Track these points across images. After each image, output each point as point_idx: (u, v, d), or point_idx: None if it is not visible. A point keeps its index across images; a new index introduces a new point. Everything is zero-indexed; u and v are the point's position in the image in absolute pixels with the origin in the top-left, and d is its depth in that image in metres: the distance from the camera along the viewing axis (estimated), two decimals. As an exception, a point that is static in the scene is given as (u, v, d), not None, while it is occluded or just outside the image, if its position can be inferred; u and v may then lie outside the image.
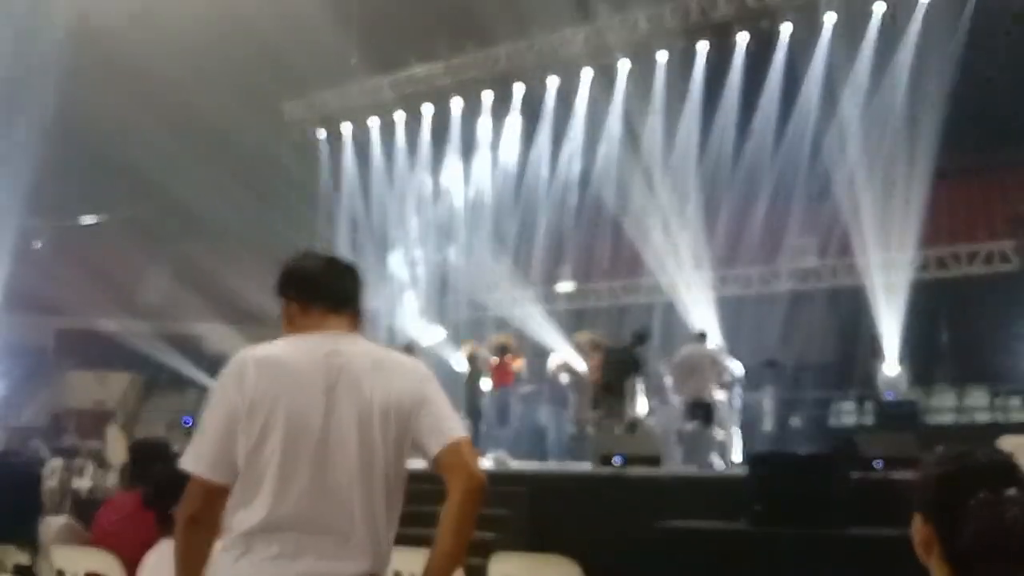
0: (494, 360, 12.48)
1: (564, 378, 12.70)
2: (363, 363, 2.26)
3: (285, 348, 2.28)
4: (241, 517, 2.12)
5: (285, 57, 15.97)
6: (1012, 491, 1.42)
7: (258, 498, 2.11)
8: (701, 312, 14.06)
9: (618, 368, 11.18)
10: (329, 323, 2.31)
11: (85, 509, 8.06)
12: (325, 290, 2.34)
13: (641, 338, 11.62)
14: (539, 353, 13.75)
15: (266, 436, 2.13)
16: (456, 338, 15.89)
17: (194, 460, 2.15)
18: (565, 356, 12.78)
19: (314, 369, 2.20)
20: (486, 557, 4.55)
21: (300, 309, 2.33)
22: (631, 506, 8.30)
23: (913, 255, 13.50)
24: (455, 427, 2.29)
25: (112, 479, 11.18)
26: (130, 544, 3.20)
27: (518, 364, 12.53)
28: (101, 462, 14.31)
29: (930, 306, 13.52)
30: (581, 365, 12.43)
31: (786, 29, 14.50)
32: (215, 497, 2.16)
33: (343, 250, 17.94)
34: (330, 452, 2.17)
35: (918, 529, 1.51)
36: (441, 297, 18.32)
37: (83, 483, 13.70)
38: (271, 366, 2.20)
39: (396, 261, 18.97)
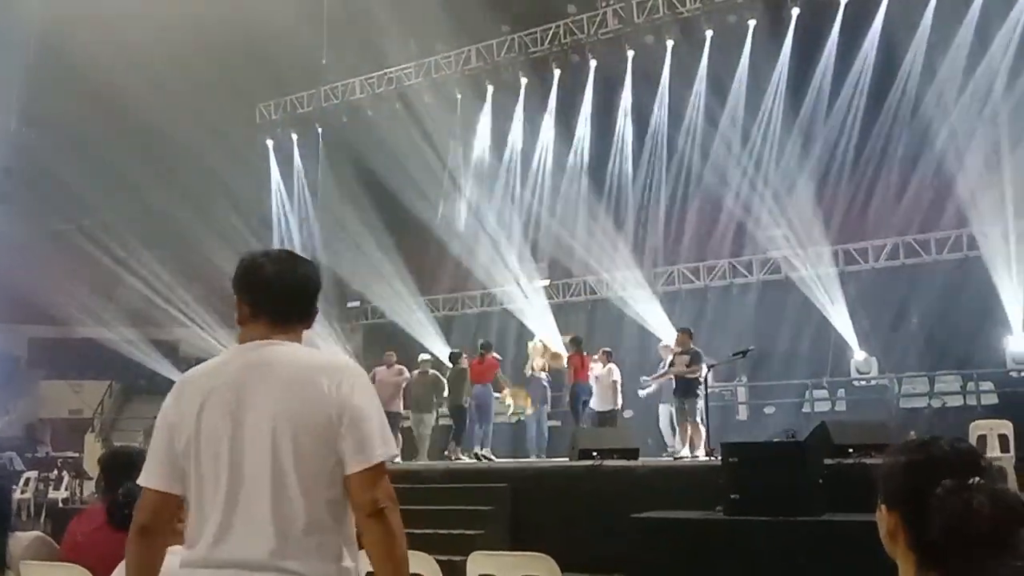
0: (475, 359, 12.55)
1: (542, 375, 12.82)
2: (283, 374, 2.10)
3: (209, 366, 2.22)
4: (187, 539, 2.12)
5: (258, 61, 16.01)
6: (976, 479, 1.41)
7: (192, 527, 2.09)
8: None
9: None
10: (260, 329, 2.18)
11: (62, 520, 8.00)
12: (263, 292, 2.20)
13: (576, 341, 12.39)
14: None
15: (193, 461, 2.08)
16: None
17: (144, 474, 2.15)
18: (543, 354, 12.90)
19: (227, 387, 2.09)
20: (467, 555, 4.60)
21: (246, 310, 2.21)
22: (608, 498, 8.38)
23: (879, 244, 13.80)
24: (373, 448, 2.07)
25: (89, 489, 11.08)
26: (101, 557, 3.11)
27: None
28: (79, 472, 14.20)
29: (899, 293, 13.72)
30: (559, 362, 12.64)
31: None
32: (164, 507, 2.13)
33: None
34: (243, 477, 2.04)
35: (883, 519, 1.50)
36: None
37: (60, 494, 13.60)
38: (193, 388, 2.14)
39: None
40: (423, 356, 13.32)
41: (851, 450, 7.64)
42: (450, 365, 12.72)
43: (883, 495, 1.51)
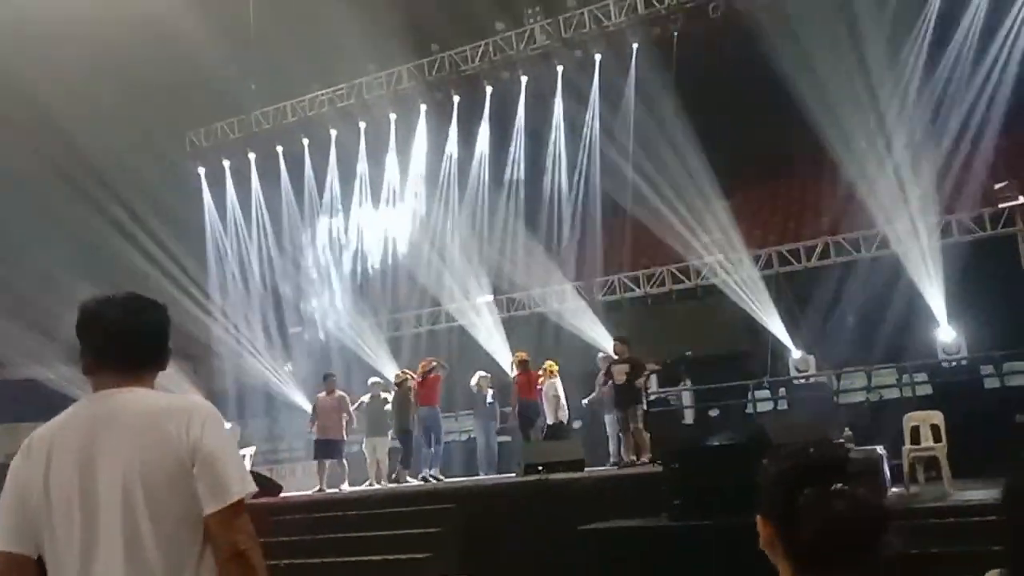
0: (418, 380, 12.50)
1: (488, 393, 12.85)
2: (129, 422, 2.05)
3: (58, 420, 2.15)
4: None
5: (183, 89, 15.80)
6: (839, 485, 1.43)
7: None
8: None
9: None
10: (108, 377, 2.13)
11: None
12: (104, 341, 2.13)
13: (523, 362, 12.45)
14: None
15: (44, 519, 2.03)
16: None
17: None
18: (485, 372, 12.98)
19: (75, 440, 2.04)
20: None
21: (90, 359, 2.16)
22: (555, 511, 8.40)
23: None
24: (228, 488, 2.03)
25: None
26: None
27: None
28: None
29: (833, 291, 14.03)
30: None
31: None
32: (15, 568, 2.04)
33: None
34: (97, 533, 1.99)
35: (760, 529, 1.53)
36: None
37: None
38: (40, 444, 2.08)
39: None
40: (372, 379, 13.22)
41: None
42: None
43: (758, 506, 1.54)
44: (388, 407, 12.58)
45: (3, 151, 16.01)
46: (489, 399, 12.80)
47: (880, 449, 9.60)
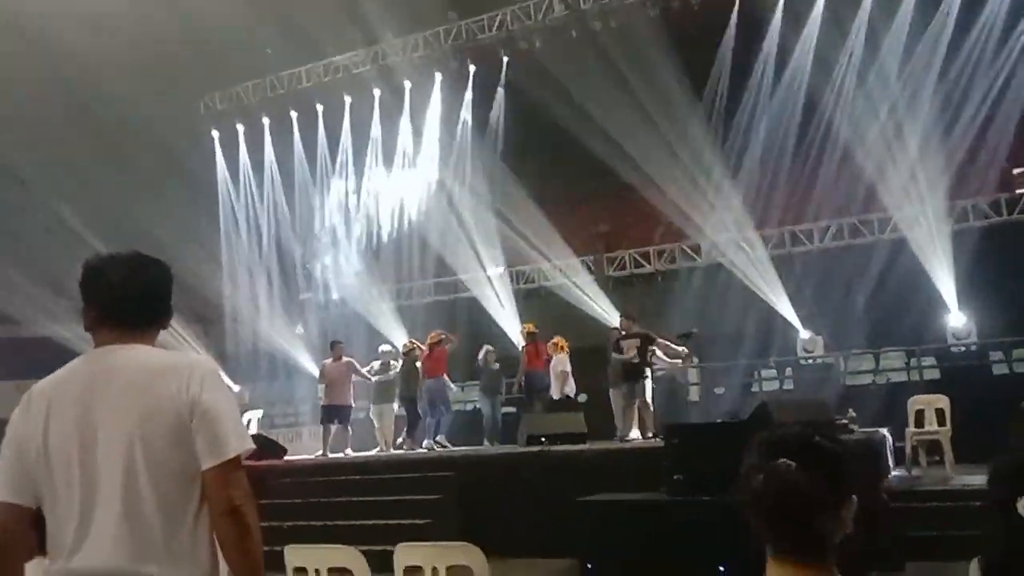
0: (425, 351, 12.55)
1: (495, 365, 12.88)
2: (129, 379, 2.07)
3: (58, 375, 2.17)
4: (48, 552, 2.08)
5: (201, 52, 15.78)
6: (783, 461, 1.47)
7: (50, 539, 2.06)
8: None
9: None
10: (108, 334, 2.15)
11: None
12: (106, 298, 2.17)
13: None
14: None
15: (43, 473, 2.05)
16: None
17: None
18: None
19: (75, 395, 2.07)
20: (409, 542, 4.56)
21: (92, 316, 2.18)
22: (555, 483, 8.44)
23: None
24: (226, 444, 2.05)
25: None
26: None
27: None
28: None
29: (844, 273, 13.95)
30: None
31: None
32: (14, 519, 2.07)
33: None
34: (97, 486, 2.01)
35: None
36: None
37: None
38: (40, 398, 2.10)
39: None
40: (383, 347, 13.26)
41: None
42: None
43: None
44: (394, 374, 12.64)
45: (21, 103, 16.04)
46: (495, 370, 12.83)
47: (885, 431, 9.59)
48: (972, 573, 1.76)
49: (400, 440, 12.54)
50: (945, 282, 13.41)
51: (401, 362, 12.72)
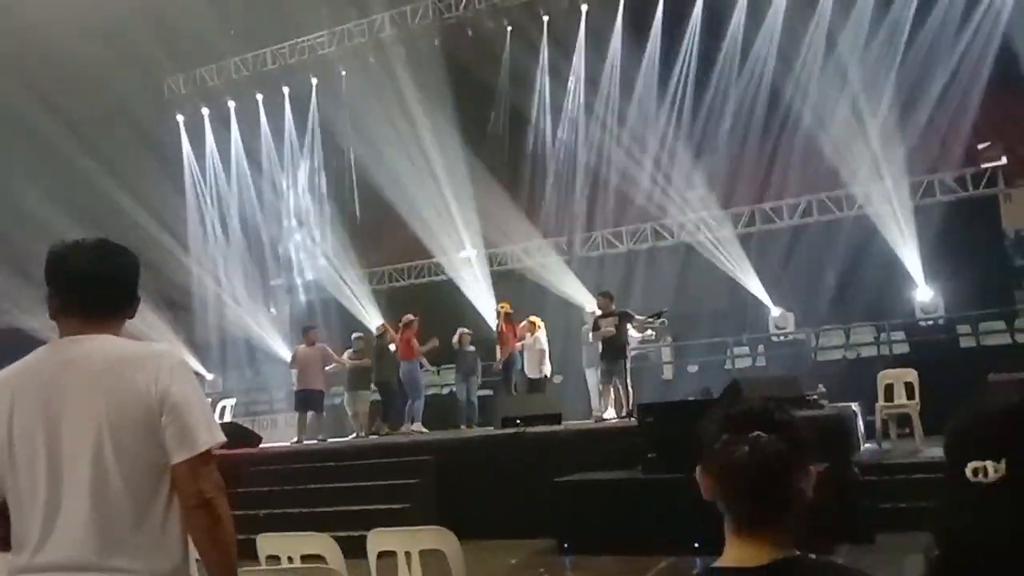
0: (397, 335, 12.51)
1: (470, 348, 12.87)
2: (94, 369, 2.03)
3: (20, 365, 2.12)
4: (13, 546, 2.05)
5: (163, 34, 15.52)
6: (757, 434, 1.45)
7: (15, 533, 2.03)
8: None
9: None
10: (73, 323, 2.11)
11: None
12: (69, 286, 2.12)
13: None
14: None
15: (8, 466, 2.01)
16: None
17: None
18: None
19: (39, 387, 2.03)
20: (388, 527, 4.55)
21: (56, 304, 2.14)
22: (532, 464, 8.48)
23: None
24: (196, 438, 2.02)
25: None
26: None
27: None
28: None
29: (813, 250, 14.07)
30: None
31: None
32: None
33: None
34: (63, 479, 1.99)
35: (700, 481, 1.53)
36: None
37: None
38: (3, 389, 2.06)
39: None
40: (356, 334, 13.20)
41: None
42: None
43: (697, 457, 1.55)
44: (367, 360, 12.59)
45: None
46: (471, 352, 12.81)
47: (855, 406, 9.73)
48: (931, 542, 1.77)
49: (373, 427, 12.51)
50: (911, 258, 13.58)
51: (375, 344, 12.67)
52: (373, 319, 16.10)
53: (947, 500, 1.42)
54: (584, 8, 15.90)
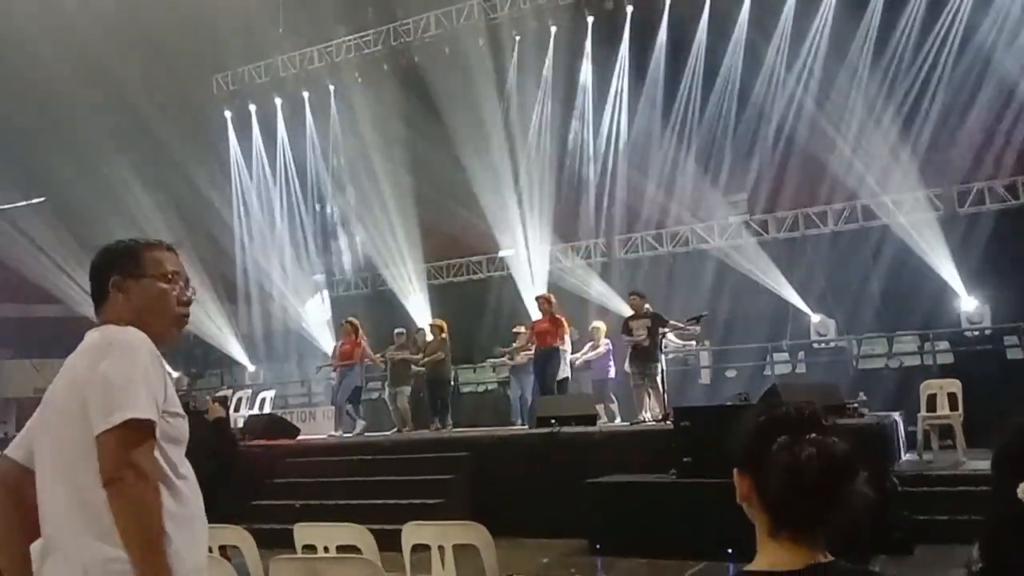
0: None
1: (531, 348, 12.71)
2: (73, 358, 2.16)
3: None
4: None
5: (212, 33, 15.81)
6: (813, 435, 1.45)
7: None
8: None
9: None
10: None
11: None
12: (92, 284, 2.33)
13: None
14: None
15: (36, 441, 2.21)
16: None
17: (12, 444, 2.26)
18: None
19: (59, 375, 2.19)
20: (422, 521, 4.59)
21: None
22: (565, 464, 8.49)
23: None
24: (111, 412, 1.96)
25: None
26: None
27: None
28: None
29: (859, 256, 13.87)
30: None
31: None
32: (14, 477, 2.17)
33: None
34: (43, 465, 2.12)
35: (737, 483, 1.53)
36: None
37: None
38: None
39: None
40: (398, 329, 13.29)
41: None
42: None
43: (734, 460, 1.55)
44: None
45: (37, 83, 16.11)
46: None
47: (896, 415, 9.58)
48: (974, 556, 1.77)
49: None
50: (957, 267, 13.32)
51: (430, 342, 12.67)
52: (418, 316, 16.22)
53: (994, 515, 1.41)
54: (628, 9, 15.85)
